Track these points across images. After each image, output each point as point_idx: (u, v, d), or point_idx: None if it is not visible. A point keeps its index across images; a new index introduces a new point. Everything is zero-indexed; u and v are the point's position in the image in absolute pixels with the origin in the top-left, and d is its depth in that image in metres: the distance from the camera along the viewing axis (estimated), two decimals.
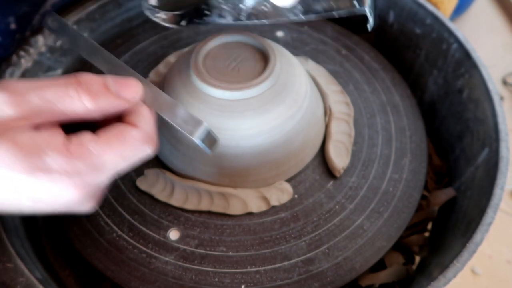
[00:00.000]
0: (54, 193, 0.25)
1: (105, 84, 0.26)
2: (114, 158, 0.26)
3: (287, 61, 0.38)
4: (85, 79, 0.26)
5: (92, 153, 0.25)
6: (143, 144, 0.27)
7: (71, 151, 0.25)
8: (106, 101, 0.26)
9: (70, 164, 0.24)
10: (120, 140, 0.26)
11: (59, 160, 0.24)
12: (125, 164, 0.27)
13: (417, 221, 0.41)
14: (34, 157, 0.24)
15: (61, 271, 0.38)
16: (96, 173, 0.26)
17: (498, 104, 0.39)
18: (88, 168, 0.25)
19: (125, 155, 0.26)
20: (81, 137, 0.26)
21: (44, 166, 0.24)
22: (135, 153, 0.27)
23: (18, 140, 0.24)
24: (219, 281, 0.34)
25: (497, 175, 0.35)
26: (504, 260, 0.49)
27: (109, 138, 0.26)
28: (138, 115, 0.27)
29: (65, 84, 0.25)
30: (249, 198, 0.37)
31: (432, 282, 0.30)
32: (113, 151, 0.26)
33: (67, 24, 0.30)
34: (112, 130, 0.26)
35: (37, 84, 0.25)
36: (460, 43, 0.44)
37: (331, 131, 0.40)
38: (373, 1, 0.29)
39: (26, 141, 0.24)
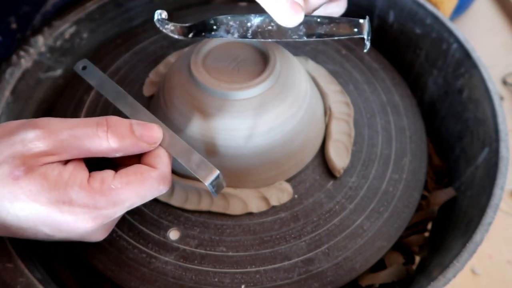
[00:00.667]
0: (73, 224, 0.27)
1: (131, 127, 0.29)
2: (132, 196, 0.28)
3: (287, 61, 0.38)
4: (114, 122, 0.28)
5: (113, 191, 0.27)
6: (159, 184, 0.29)
7: (94, 187, 0.27)
8: (130, 143, 0.28)
9: (91, 199, 0.27)
10: (139, 180, 0.28)
11: (82, 195, 0.26)
12: (141, 202, 0.29)
13: (417, 221, 0.41)
14: (60, 190, 0.26)
15: (61, 271, 0.38)
16: (114, 209, 0.28)
17: (498, 104, 0.39)
18: (107, 204, 0.27)
19: (143, 194, 0.28)
20: (103, 175, 0.28)
21: (68, 200, 0.26)
22: (152, 192, 0.29)
23: (48, 174, 0.26)
24: (219, 281, 0.34)
25: (497, 175, 0.35)
26: (504, 260, 0.49)
27: (129, 178, 0.28)
28: (156, 157, 0.30)
29: (96, 125, 0.27)
30: (249, 198, 0.37)
31: (432, 282, 0.30)
32: (132, 190, 0.28)
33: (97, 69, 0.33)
34: (133, 170, 0.28)
35: (69, 123, 0.27)
36: (460, 43, 0.44)
37: (331, 131, 0.40)
38: (369, 27, 0.31)
39: (55, 176, 0.26)
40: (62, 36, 0.46)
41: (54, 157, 0.26)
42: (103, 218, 0.27)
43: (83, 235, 0.28)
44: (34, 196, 0.26)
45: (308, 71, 0.44)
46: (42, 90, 0.46)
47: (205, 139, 0.35)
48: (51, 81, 0.47)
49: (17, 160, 0.25)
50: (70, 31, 0.47)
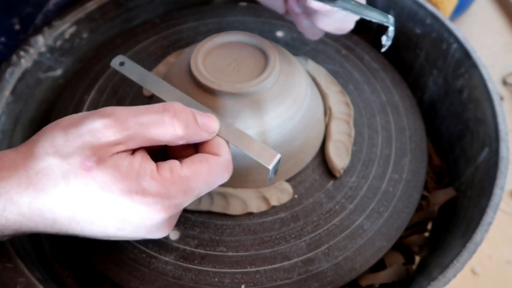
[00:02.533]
0: (145, 215, 0.27)
1: (194, 115, 0.28)
2: (201, 184, 0.28)
3: (287, 61, 0.38)
4: (179, 109, 0.28)
5: (183, 179, 0.27)
6: (225, 171, 0.29)
7: (164, 176, 0.27)
8: (193, 131, 0.28)
9: (163, 188, 0.26)
10: (207, 168, 0.28)
11: (154, 184, 0.26)
12: (208, 189, 0.29)
13: (417, 221, 0.41)
14: (133, 180, 0.26)
15: (61, 271, 0.38)
16: (184, 197, 0.28)
17: (498, 104, 0.39)
18: (178, 193, 0.27)
19: (210, 182, 0.29)
20: (171, 164, 0.27)
21: (140, 189, 0.26)
22: (218, 179, 0.29)
23: (120, 164, 0.26)
24: (219, 281, 0.34)
25: (497, 175, 0.35)
26: (504, 260, 0.49)
27: (196, 166, 0.28)
28: (218, 145, 0.30)
29: (162, 111, 0.27)
30: (249, 198, 0.37)
31: (432, 282, 0.30)
32: (201, 178, 0.28)
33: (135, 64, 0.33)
34: (199, 159, 0.28)
35: (135, 111, 0.27)
36: (460, 43, 0.44)
37: (331, 131, 0.40)
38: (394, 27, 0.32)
39: (126, 166, 0.26)
40: (62, 36, 0.46)
41: (122, 146, 0.26)
42: (173, 208, 0.27)
43: (151, 229, 0.28)
44: (108, 186, 0.25)
45: (308, 71, 0.44)
46: (42, 90, 0.46)
47: None
48: (51, 81, 0.47)
49: (87, 151, 0.25)
50: (70, 31, 0.47)
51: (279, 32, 0.49)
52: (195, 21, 0.50)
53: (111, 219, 0.26)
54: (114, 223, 0.27)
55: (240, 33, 0.38)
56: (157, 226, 0.28)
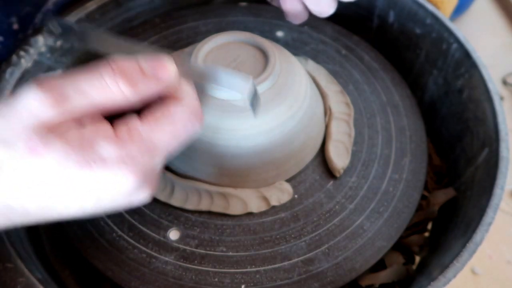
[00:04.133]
0: (113, 183, 0.24)
1: (140, 67, 0.25)
2: (166, 138, 0.25)
3: (287, 61, 0.38)
4: (119, 65, 0.24)
5: (143, 136, 0.24)
6: (191, 119, 0.26)
7: (121, 137, 0.24)
8: (145, 86, 0.25)
9: (123, 150, 0.24)
10: (168, 118, 0.25)
11: (111, 148, 0.24)
12: (176, 143, 0.26)
13: (417, 221, 0.41)
14: (86, 150, 0.23)
15: (61, 271, 0.38)
16: (150, 155, 0.25)
17: (498, 104, 0.39)
18: (141, 151, 0.24)
19: (176, 133, 0.26)
20: (128, 122, 0.25)
21: (98, 157, 0.23)
22: (186, 129, 0.26)
23: (68, 137, 0.23)
24: (219, 281, 0.34)
25: (497, 175, 0.35)
26: (504, 260, 0.49)
27: (157, 118, 0.25)
28: (180, 90, 0.26)
29: (100, 73, 0.24)
30: (249, 198, 0.37)
31: (432, 282, 0.30)
32: (164, 130, 0.25)
33: (69, 24, 0.29)
34: (159, 109, 0.25)
35: (71, 77, 0.24)
36: (460, 43, 0.44)
37: (331, 131, 0.40)
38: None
39: (75, 137, 0.23)
40: None
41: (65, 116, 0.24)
42: (141, 169, 0.24)
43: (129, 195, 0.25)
44: (62, 163, 0.23)
45: (308, 71, 0.44)
46: None
47: (205, 139, 0.35)
48: None
49: (29, 133, 0.23)
50: None
51: (279, 32, 0.49)
52: (195, 21, 0.50)
53: (82, 196, 0.24)
54: (87, 198, 0.24)
55: (240, 33, 0.38)
56: (134, 191, 0.25)
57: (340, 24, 0.50)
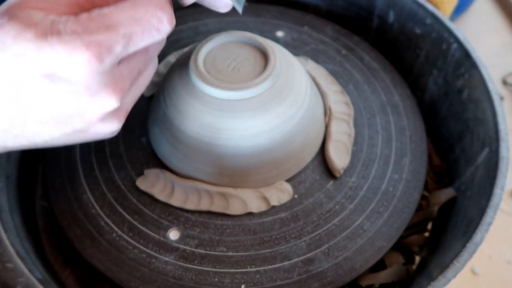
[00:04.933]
0: (68, 58, 0.24)
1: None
2: (126, 20, 0.25)
3: (287, 61, 0.38)
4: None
5: (103, 15, 0.25)
6: (156, 10, 0.26)
7: (80, 17, 0.24)
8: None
9: (80, 25, 0.24)
10: (130, 3, 0.25)
11: (70, 24, 0.24)
12: (140, 31, 0.26)
13: (417, 221, 0.41)
14: (47, 25, 0.24)
15: (61, 271, 0.38)
16: (109, 34, 0.24)
17: (498, 104, 0.39)
18: (98, 27, 0.24)
19: (138, 19, 0.25)
20: (92, 10, 0.25)
21: (55, 30, 0.24)
22: (148, 18, 0.26)
23: (32, 15, 0.24)
24: (219, 281, 0.34)
25: (497, 175, 0.35)
26: (504, 260, 0.49)
27: (118, 3, 0.25)
28: None
29: None
30: (249, 198, 0.37)
31: (432, 282, 0.30)
32: (124, 12, 0.25)
33: None
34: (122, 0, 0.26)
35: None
36: (460, 43, 0.44)
37: (331, 131, 0.40)
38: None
39: (40, 16, 0.24)
40: None
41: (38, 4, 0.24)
42: (99, 46, 0.24)
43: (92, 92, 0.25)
44: (21, 34, 0.23)
45: (308, 71, 0.44)
46: None
47: (205, 139, 0.35)
48: None
49: (2, 12, 0.24)
50: None
51: (279, 32, 0.49)
52: (195, 21, 0.50)
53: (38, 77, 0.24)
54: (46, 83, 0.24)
55: (240, 33, 0.38)
56: (96, 82, 0.25)
57: (340, 24, 0.50)
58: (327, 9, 0.55)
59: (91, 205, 0.37)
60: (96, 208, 0.37)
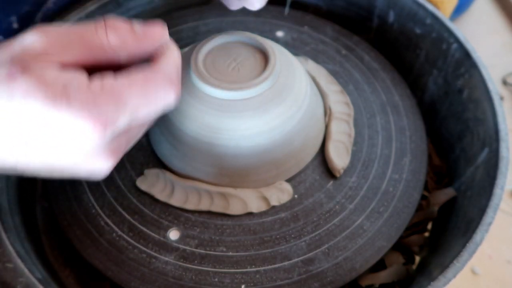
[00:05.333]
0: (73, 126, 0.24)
1: (131, 25, 0.27)
2: (136, 96, 0.26)
3: (287, 61, 0.38)
4: (113, 21, 0.27)
5: (113, 89, 0.25)
6: (166, 85, 0.27)
7: (94, 85, 0.25)
8: (134, 43, 0.27)
9: (91, 96, 0.24)
10: (141, 77, 0.26)
11: (80, 92, 0.24)
12: (146, 107, 0.26)
13: (417, 221, 0.41)
14: (58, 87, 0.24)
15: (61, 271, 0.38)
16: (116, 108, 0.25)
17: (498, 104, 0.39)
18: (108, 102, 0.25)
19: (147, 95, 0.26)
20: (103, 76, 0.26)
21: (65, 95, 0.24)
22: (157, 93, 0.26)
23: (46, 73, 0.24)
24: (219, 281, 0.34)
25: (497, 175, 0.35)
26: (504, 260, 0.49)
27: (130, 75, 0.26)
28: (161, 55, 0.28)
29: (94, 24, 0.26)
30: (249, 198, 0.37)
31: (432, 282, 0.30)
32: (135, 88, 0.26)
33: None
34: (134, 68, 0.27)
35: (69, 27, 0.26)
36: (460, 43, 0.44)
37: (331, 131, 0.40)
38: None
39: (53, 75, 0.24)
40: None
41: (53, 57, 0.25)
42: (105, 122, 0.25)
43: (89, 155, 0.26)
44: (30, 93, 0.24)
45: (308, 71, 0.44)
46: None
47: (205, 139, 0.35)
48: None
49: (14, 62, 0.24)
50: None
51: (279, 32, 0.49)
52: (195, 21, 0.50)
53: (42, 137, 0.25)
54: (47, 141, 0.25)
55: (240, 33, 0.38)
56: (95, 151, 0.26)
57: (340, 24, 0.50)
58: (327, 9, 0.55)
59: (91, 205, 0.37)
60: (96, 208, 0.37)
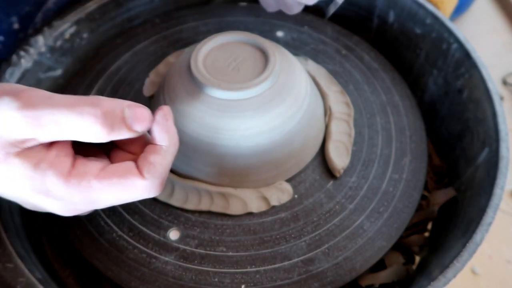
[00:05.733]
0: (50, 209, 0.27)
1: (123, 115, 0.26)
2: (110, 199, 0.27)
3: (287, 61, 0.38)
4: (104, 106, 0.25)
5: (91, 190, 0.26)
6: (144, 193, 0.27)
7: (71, 182, 0.26)
8: (119, 132, 0.26)
9: (67, 194, 0.26)
10: (123, 186, 0.26)
11: (59, 188, 0.26)
12: (117, 203, 0.28)
13: (417, 221, 0.41)
14: (38, 180, 0.25)
15: (61, 271, 0.38)
16: (90, 206, 0.27)
17: (498, 104, 0.39)
18: (83, 201, 0.26)
19: (122, 199, 0.27)
20: (86, 169, 0.26)
21: (45, 190, 0.26)
22: (133, 198, 0.27)
23: (28, 161, 0.25)
24: (219, 281, 0.34)
25: (497, 175, 0.35)
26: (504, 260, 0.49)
27: (112, 180, 0.26)
28: (150, 164, 0.27)
29: (82, 112, 0.25)
30: (249, 198, 0.37)
31: (432, 282, 0.30)
32: (112, 193, 0.27)
33: None
34: (118, 173, 0.27)
35: (54, 104, 0.25)
36: (460, 43, 0.44)
37: (331, 131, 0.40)
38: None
39: (34, 163, 0.25)
40: (62, 36, 0.46)
41: (34, 142, 0.25)
42: (78, 212, 0.27)
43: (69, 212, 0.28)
44: (13, 182, 0.25)
45: (308, 71, 0.44)
46: None
47: (205, 139, 0.35)
48: (51, 81, 0.47)
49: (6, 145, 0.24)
50: (70, 31, 0.47)
51: (279, 32, 0.49)
52: (195, 21, 0.50)
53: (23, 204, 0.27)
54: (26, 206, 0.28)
55: (240, 33, 0.38)
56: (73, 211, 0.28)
57: (340, 24, 0.50)
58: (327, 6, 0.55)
59: None
60: None
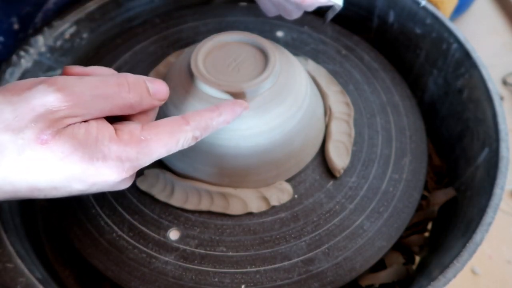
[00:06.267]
0: (106, 177, 0.27)
1: (147, 86, 0.29)
2: (160, 148, 0.28)
3: (287, 61, 0.38)
4: (133, 82, 0.28)
5: (143, 141, 0.28)
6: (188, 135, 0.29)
7: (123, 139, 0.27)
8: (147, 103, 0.29)
9: (123, 152, 0.27)
10: (169, 132, 0.29)
11: (113, 148, 0.27)
12: (166, 153, 0.29)
13: (417, 221, 0.41)
14: (92, 147, 0.26)
15: (61, 271, 0.38)
16: (144, 159, 0.28)
17: (498, 104, 0.39)
18: (138, 155, 0.28)
19: (170, 147, 0.29)
20: (130, 127, 0.28)
21: (101, 155, 0.26)
22: (180, 145, 0.29)
23: (76, 133, 0.26)
24: (219, 281, 0.34)
25: (497, 175, 0.35)
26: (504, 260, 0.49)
27: (158, 129, 0.28)
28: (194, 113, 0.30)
29: (117, 86, 0.28)
30: (249, 198, 0.37)
31: (432, 282, 0.30)
32: (161, 141, 0.28)
33: None
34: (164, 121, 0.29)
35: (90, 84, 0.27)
36: (460, 43, 0.44)
37: (331, 131, 0.40)
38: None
39: (83, 134, 0.26)
40: (62, 36, 0.46)
41: (77, 118, 0.26)
42: (134, 169, 0.28)
43: (114, 186, 0.29)
44: (67, 156, 0.25)
45: (308, 71, 0.44)
46: None
47: (205, 139, 0.35)
48: None
49: (41, 124, 0.25)
50: (70, 31, 0.47)
51: (279, 32, 0.49)
52: (195, 21, 0.50)
53: (74, 185, 0.27)
54: (78, 187, 0.27)
55: (240, 33, 0.38)
56: (120, 182, 0.29)
57: (340, 24, 0.50)
58: (327, 9, 0.55)
59: (91, 205, 0.37)
60: (96, 208, 0.37)
